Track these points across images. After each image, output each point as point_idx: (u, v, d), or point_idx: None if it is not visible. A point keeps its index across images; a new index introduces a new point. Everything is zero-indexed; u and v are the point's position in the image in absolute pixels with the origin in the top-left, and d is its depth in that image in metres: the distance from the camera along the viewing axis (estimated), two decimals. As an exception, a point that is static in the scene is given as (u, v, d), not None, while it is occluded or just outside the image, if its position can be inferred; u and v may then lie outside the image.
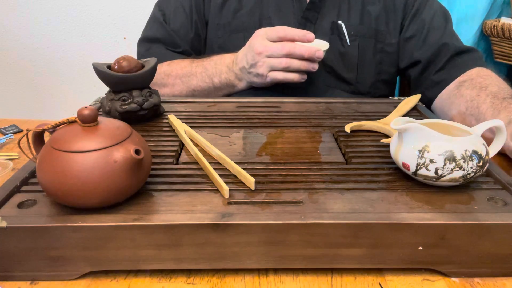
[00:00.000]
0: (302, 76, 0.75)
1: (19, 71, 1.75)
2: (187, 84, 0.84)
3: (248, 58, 0.75)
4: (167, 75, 0.86)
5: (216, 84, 0.82)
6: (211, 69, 0.82)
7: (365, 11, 0.86)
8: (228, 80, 0.81)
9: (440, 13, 0.87)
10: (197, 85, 0.83)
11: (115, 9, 1.65)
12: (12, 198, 0.44)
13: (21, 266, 0.40)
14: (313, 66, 0.74)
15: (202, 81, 0.83)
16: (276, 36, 0.72)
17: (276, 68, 0.73)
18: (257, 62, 0.74)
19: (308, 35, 0.71)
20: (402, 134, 0.46)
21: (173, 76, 0.85)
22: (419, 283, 0.41)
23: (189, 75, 0.84)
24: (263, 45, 0.73)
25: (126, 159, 0.40)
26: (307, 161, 0.52)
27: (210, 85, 0.83)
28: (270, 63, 0.73)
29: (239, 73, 0.79)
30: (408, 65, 0.87)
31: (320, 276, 0.42)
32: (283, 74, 0.74)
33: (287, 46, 0.71)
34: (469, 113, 0.70)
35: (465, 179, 0.44)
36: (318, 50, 0.72)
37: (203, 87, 0.83)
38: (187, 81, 0.84)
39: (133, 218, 0.39)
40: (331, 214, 0.41)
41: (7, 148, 0.70)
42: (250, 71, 0.76)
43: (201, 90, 0.84)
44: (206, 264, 0.41)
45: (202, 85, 0.83)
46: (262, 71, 0.74)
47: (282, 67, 0.73)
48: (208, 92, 0.84)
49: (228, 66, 0.80)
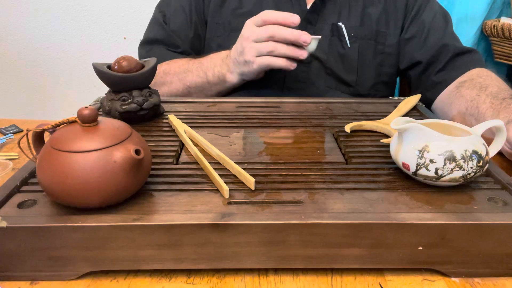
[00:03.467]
0: (291, 63, 0.72)
1: (19, 71, 1.75)
2: (183, 81, 0.84)
3: (238, 47, 0.74)
4: (166, 74, 0.85)
5: (209, 78, 0.81)
6: (206, 63, 0.82)
7: (366, 13, 0.86)
8: (220, 73, 0.80)
9: (440, 14, 0.87)
10: (192, 81, 0.83)
11: (115, 9, 1.65)
12: (12, 198, 0.44)
13: (21, 266, 0.40)
14: (301, 53, 0.71)
15: (197, 75, 0.82)
16: (261, 20, 0.71)
17: (262, 52, 0.71)
18: (244, 48, 0.73)
19: (292, 17, 0.69)
20: (402, 134, 0.46)
21: (171, 74, 0.85)
22: (419, 283, 0.41)
23: (186, 71, 0.84)
24: (250, 30, 0.72)
25: (126, 159, 0.40)
26: (307, 161, 0.52)
27: (204, 79, 0.82)
28: (256, 48, 0.71)
29: (231, 65, 0.78)
30: (408, 66, 0.87)
31: (320, 276, 0.42)
32: (269, 58, 0.72)
33: (271, 28, 0.70)
34: (469, 113, 0.70)
35: (465, 179, 0.44)
36: (304, 34, 0.69)
37: (197, 83, 0.82)
38: (183, 78, 0.83)
39: (133, 218, 0.39)
40: (331, 214, 0.41)
41: (7, 148, 0.70)
42: (239, 60, 0.75)
43: (196, 86, 0.83)
44: (206, 264, 0.41)
45: (197, 80, 0.82)
46: (249, 57, 0.72)
47: (268, 51, 0.71)
48: (202, 88, 0.83)
49: (223, 59, 0.80)
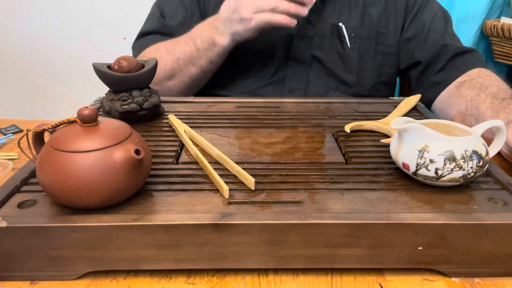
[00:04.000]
0: (291, 20, 0.71)
1: (19, 71, 1.75)
2: (172, 54, 0.81)
3: (231, 4, 0.72)
4: (155, 50, 0.83)
5: (198, 45, 0.78)
6: (194, 31, 0.79)
7: (366, 13, 0.85)
8: (209, 38, 0.77)
9: (440, 14, 0.87)
10: (181, 51, 0.80)
11: (115, 9, 1.65)
12: (12, 198, 0.44)
13: (21, 266, 0.40)
14: (303, 10, 0.70)
15: (185, 44, 0.79)
16: None
17: (262, 9, 0.69)
18: (240, 5, 0.70)
19: None
20: (402, 134, 0.46)
21: (160, 49, 0.82)
22: (419, 283, 0.41)
23: (174, 43, 0.81)
24: None
25: (126, 159, 0.40)
26: (307, 161, 0.52)
27: (193, 47, 0.78)
28: (255, 4, 0.69)
29: (220, 27, 0.75)
30: (408, 66, 0.87)
31: (320, 276, 0.42)
32: (270, 15, 0.69)
33: None
34: (469, 113, 0.70)
35: (465, 179, 0.44)
36: None
37: (186, 52, 0.79)
38: (172, 50, 0.81)
39: (133, 218, 0.39)
40: (331, 214, 0.41)
41: (7, 148, 0.70)
42: (233, 18, 0.72)
43: (186, 57, 0.80)
44: (206, 264, 0.41)
45: (186, 49, 0.79)
46: (246, 14, 0.70)
47: (270, 7, 0.68)
48: (192, 58, 0.79)
49: (210, 23, 0.77)
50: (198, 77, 0.82)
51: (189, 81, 0.83)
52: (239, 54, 0.82)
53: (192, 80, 0.83)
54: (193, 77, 0.82)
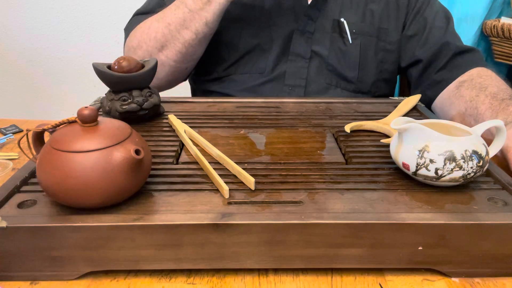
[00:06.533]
0: None
1: (19, 71, 1.75)
2: (162, 20, 0.77)
3: None
4: (145, 23, 0.80)
5: (190, 6, 0.74)
6: None
7: (367, 9, 0.85)
8: None
9: (442, 12, 0.87)
10: (172, 15, 0.76)
11: (115, 9, 1.64)
12: (12, 198, 0.44)
13: (21, 266, 0.40)
14: None
15: (176, 8, 0.75)
16: None
17: None
18: None
19: None
20: (402, 134, 0.46)
21: (150, 20, 0.79)
22: (419, 283, 0.41)
23: (164, 10, 0.78)
24: None
25: (126, 159, 0.40)
26: (307, 161, 0.52)
27: (185, 9, 0.74)
28: None
29: None
30: (409, 64, 0.87)
31: (320, 276, 0.42)
32: None
33: None
34: (468, 113, 0.70)
35: (465, 179, 0.44)
36: None
37: (178, 15, 0.75)
38: (162, 17, 0.77)
39: (133, 218, 0.39)
40: (331, 214, 0.41)
41: (7, 148, 0.70)
42: None
43: (178, 21, 0.75)
44: (206, 264, 0.41)
45: (177, 13, 0.75)
46: None
47: None
48: (184, 21, 0.75)
49: None
50: (192, 42, 0.77)
51: (183, 49, 0.77)
52: (238, 48, 0.82)
53: (186, 47, 0.77)
54: (187, 43, 0.77)
